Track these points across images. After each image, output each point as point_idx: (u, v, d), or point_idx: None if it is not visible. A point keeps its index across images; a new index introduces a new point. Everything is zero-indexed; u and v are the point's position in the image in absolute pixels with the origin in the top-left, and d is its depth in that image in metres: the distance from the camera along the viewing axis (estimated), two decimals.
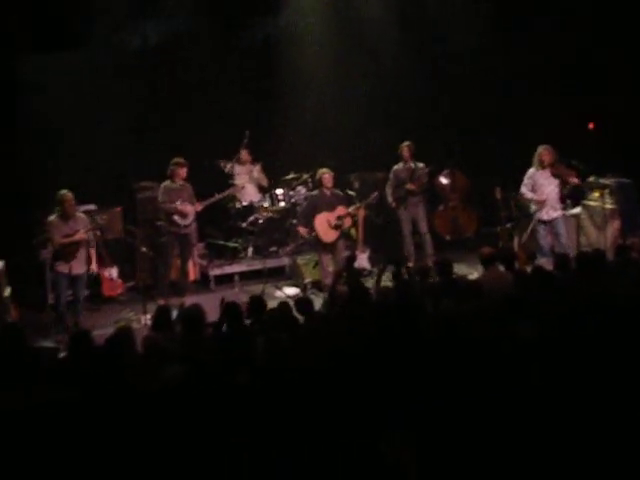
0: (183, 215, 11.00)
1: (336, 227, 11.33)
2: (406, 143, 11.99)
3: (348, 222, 11.45)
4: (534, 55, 13.06)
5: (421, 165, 12.01)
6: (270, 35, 13.50)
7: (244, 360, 5.91)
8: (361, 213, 11.55)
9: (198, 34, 12.84)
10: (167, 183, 11.12)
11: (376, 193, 11.75)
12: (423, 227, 12.10)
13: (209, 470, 4.79)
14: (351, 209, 11.46)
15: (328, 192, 11.44)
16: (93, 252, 10.45)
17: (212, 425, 4.98)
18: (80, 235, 10.11)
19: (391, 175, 12.08)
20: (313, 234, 11.45)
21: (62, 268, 10.14)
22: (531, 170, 11.25)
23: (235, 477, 4.74)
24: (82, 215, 10.39)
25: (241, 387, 5.33)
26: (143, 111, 12.48)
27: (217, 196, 11.45)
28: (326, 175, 11.41)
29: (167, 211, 11.04)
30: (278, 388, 5.30)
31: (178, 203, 10.95)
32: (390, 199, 12.02)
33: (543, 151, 11.13)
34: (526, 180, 11.27)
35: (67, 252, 10.08)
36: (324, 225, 11.32)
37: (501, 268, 8.69)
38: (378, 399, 5.16)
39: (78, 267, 10.23)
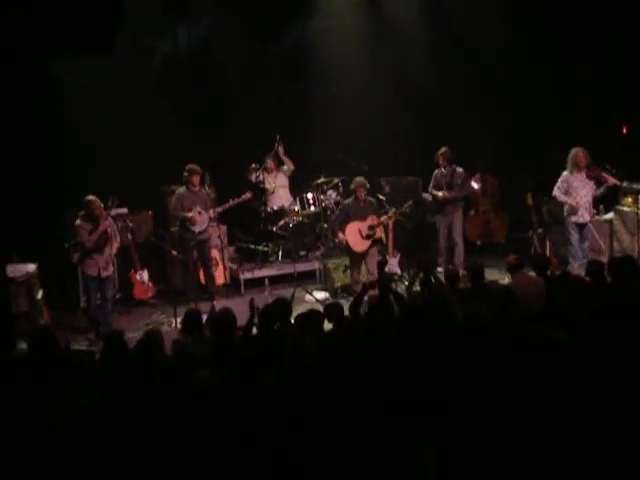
0: (193, 223, 11.03)
1: (367, 237, 11.22)
2: (441, 150, 11.93)
3: (380, 232, 11.33)
4: (566, 58, 12.97)
5: (460, 170, 11.92)
6: (300, 39, 13.50)
7: (271, 362, 5.90)
8: (392, 218, 11.48)
9: (228, 39, 12.87)
10: (181, 190, 11.17)
11: (410, 202, 11.59)
12: (457, 235, 12.02)
13: (234, 470, 4.80)
14: (383, 218, 11.32)
15: (361, 201, 11.33)
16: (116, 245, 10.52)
17: (237, 426, 4.99)
18: (104, 225, 10.17)
19: (432, 180, 12.08)
20: (345, 242, 11.38)
21: (91, 270, 10.25)
22: (565, 173, 11.11)
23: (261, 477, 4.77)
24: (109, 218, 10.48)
25: (265, 388, 5.32)
26: (173, 115, 12.53)
27: (231, 202, 11.43)
28: (360, 187, 11.27)
29: (179, 218, 11.09)
30: (300, 390, 5.30)
31: (197, 209, 10.98)
32: (438, 194, 11.97)
33: (579, 153, 10.98)
34: (560, 183, 11.13)
35: (96, 248, 10.19)
36: (355, 235, 11.22)
37: (531, 274, 8.64)
38: (402, 401, 5.16)
39: (107, 269, 10.35)
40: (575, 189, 11.06)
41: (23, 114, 11.21)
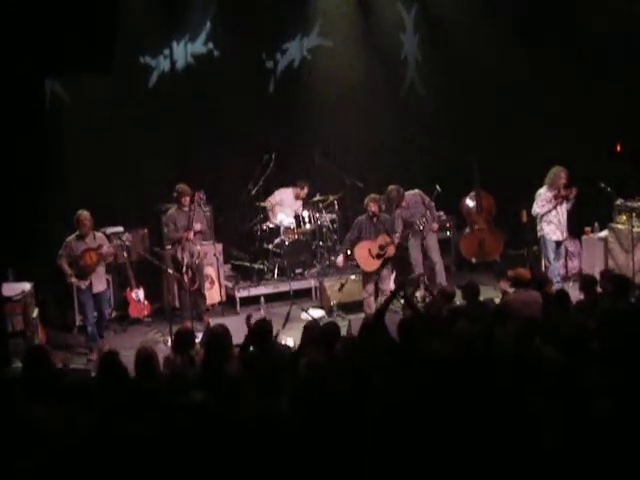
0: (187, 243, 11.09)
1: (378, 256, 10.92)
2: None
3: (391, 251, 10.97)
4: (561, 75, 13.04)
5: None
6: (297, 57, 13.56)
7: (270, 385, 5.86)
8: (403, 237, 11.27)
9: (224, 58, 12.93)
10: (172, 211, 11.18)
11: (424, 218, 11.38)
12: (434, 255, 11.83)
13: None
14: (394, 237, 10.96)
15: (374, 218, 11.02)
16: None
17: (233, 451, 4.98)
18: (104, 250, 10.32)
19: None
20: (354, 263, 11.12)
21: (82, 284, 10.32)
22: (543, 190, 11.30)
23: None
24: (99, 234, 10.54)
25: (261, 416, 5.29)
26: (170, 133, 12.57)
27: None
28: (371, 202, 11.03)
29: (174, 240, 11.11)
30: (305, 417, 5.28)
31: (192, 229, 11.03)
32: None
33: (562, 173, 11.18)
34: (540, 202, 11.32)
35: (84, 266, 10.27)
36: (365, 254, 10.95)
37: (531, 290, 8.68)
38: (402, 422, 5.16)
39: (98, 285, 10.43)
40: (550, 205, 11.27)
41: (19, 132, 11.21)
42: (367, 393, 5.50)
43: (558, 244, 11.40)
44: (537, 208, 11.32)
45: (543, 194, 11.29)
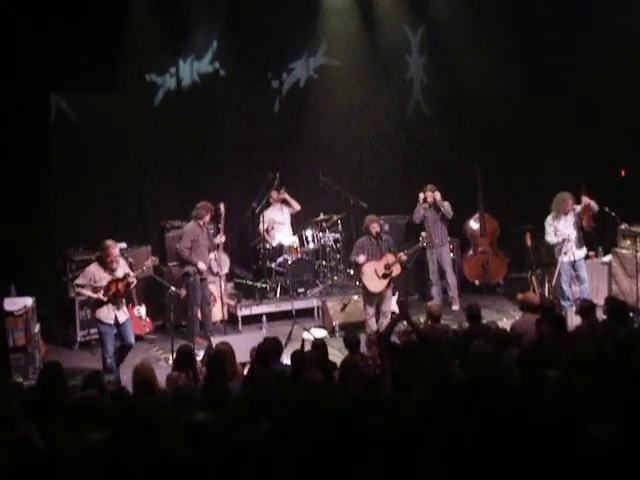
0: (201, 269, 11.18)
1: (384, 276, 10.86)
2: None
3: (397, 270, 10.92)
4: (566, 99, 13.08)
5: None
6: (302, 77, 13.58)
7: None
8: (409, 254, 11.21)
9: (230, 77, 12.96)
10: (191, 225, 11.22)
11: (424, 233, 11.53)
12: (446, 265, 12.22)
13: None
14: (400, 255, 10.91)
15: (375, 239, 10.99)
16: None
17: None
18: (132, 280, 9.84)
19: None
20: (360, 284, 11.02)
21: (107, 318, 9.68)
22: (549, 218, 11.33)
23: None
24: (122, 261, 10.04)
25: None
26: (174, 150, 12.60)
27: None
28: (373, 222, 11.00)
29: (186, 258, 11.14)
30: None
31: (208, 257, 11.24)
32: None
33: (567, 200, 11.21)
34: (548, 228, 11.32)
35: (113, 296, 9.70)
36: (372, 275, 10.89)
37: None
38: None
39: (122, 315, 9.83)
40: (560, 230, 11.23)
41: (23, 148, 11.24)
42: (370, 416, 5.48)
43: (573, 265, 11.33)
44: (547, 237, 11.32)
45: (550, 222, 11.29)
